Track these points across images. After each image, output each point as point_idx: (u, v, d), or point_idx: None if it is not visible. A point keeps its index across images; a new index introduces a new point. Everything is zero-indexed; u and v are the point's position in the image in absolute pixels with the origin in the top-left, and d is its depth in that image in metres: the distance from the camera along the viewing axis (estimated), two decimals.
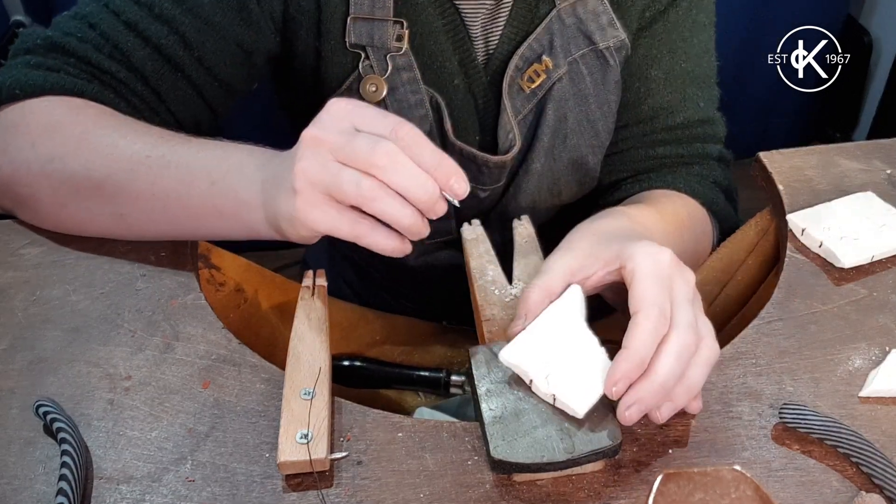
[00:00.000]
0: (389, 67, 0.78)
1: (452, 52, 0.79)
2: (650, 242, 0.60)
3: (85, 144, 0.67)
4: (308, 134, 0.57)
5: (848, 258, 0.70)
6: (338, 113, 0.57)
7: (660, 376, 0.53)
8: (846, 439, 0.55)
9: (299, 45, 0.79)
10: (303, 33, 0.78)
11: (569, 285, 0.62)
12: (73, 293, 0.67)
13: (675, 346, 0.54)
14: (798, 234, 0.74)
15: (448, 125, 0.80)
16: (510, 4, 0.80)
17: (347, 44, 0.77)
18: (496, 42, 0.81)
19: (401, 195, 0.55)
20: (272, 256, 1.41)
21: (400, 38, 0.77)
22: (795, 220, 0.75)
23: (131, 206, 0.67)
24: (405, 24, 0.77)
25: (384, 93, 0.78)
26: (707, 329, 0.57)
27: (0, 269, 0.70)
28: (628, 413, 0.53)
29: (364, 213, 0.56)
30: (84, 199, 0.68)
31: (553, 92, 0.81)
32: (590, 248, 0.63)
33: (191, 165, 0.65)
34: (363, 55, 0.78)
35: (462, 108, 0.81)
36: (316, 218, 0.56)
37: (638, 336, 0.53)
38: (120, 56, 0.72)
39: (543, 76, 0.81)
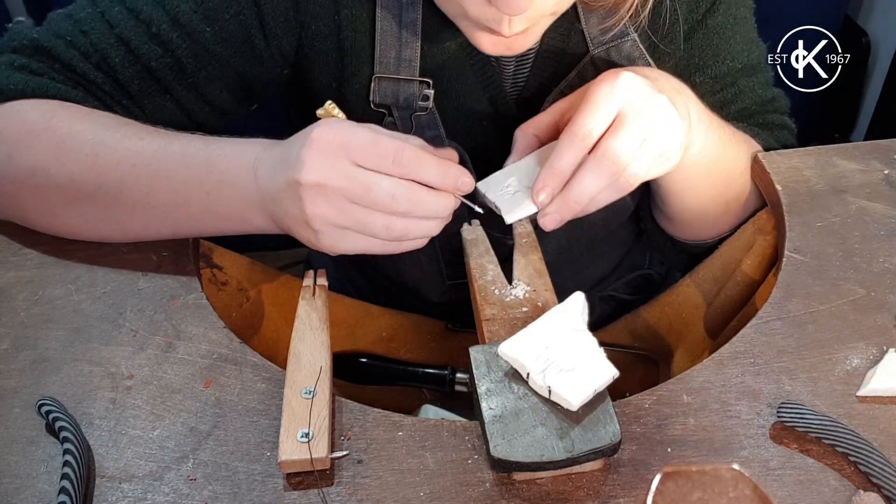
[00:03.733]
0: (413, 126, 0.76)
1: (482, 93, 0.78)
2: (634, 71, 0.63)
3: (64, 154, 0.65)
4: (308, 180, 0.57)
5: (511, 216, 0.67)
6: (328, 150, 0.57)
7: (573, 193, 0.62)
8: (844, 438, 0.55)
9: (315, 84, 0.77)
10: (317, 73, 0.76)
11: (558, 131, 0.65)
12: (75, 293, 0.68)
13: (591, 168, 0.61)
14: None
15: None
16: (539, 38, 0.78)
17: (372, 103, 0.76)
18: (525, 75, 0.79)
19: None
20: (274, 256, 1.41)
21: (426, 98, 0.75)
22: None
23: (128, 214, 0.66)
24: (431, 83, 0.75)
25: None
26: (636, 165, 0.62)
27: (2, 269, 0.70)
28: (545, 220, 0.64)
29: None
30: (76, 208, 0.67)
31: None
32: (584, 89, 0.67)
33: (180, 175, 0.64)
34: (386, 113, 0.77)
35: (491, 152, 0.78)
36: (346, 249, 0.60)
37: (560, 153, 0.62)
38: (107, 68, 0.70)
39: None
